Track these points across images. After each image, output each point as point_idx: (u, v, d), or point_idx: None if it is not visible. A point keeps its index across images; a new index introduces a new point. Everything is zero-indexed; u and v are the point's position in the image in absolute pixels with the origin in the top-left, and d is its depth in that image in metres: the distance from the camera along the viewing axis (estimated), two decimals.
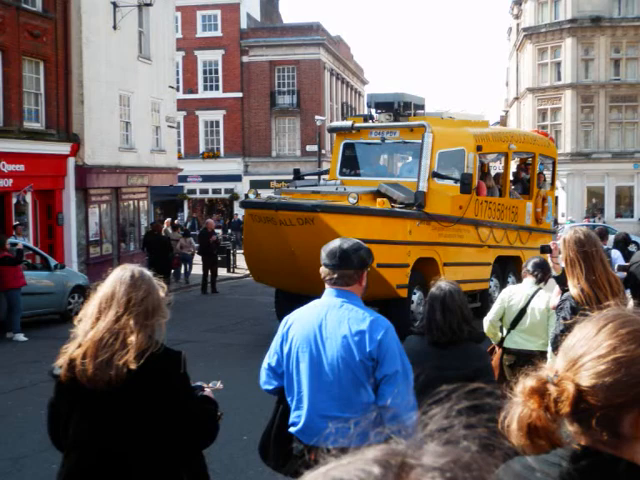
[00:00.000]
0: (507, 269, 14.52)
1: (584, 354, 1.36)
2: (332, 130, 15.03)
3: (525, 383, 1.38)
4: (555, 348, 4.18)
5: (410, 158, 13.78)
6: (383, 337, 3.42)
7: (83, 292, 14.22)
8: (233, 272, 24.72)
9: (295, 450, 3.52)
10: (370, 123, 13.83)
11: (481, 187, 13.38)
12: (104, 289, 2.86)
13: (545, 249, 5.23)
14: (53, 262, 15.01)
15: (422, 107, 14.48)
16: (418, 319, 10.92)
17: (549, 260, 5.23)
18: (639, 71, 39.93)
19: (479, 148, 12.91)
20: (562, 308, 4.32)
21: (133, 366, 2.70)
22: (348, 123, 13.92)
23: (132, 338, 2.74)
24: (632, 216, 40.22)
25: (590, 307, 3.71)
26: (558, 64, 41.06)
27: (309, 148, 38.16)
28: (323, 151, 35.19)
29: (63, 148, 19.08)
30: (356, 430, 0.99)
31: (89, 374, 2.73)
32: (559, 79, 40.83)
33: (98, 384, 2.73)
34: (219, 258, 21.75)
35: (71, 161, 19.48)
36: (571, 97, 39.90)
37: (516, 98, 50.34)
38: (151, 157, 24.32)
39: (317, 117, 33.17)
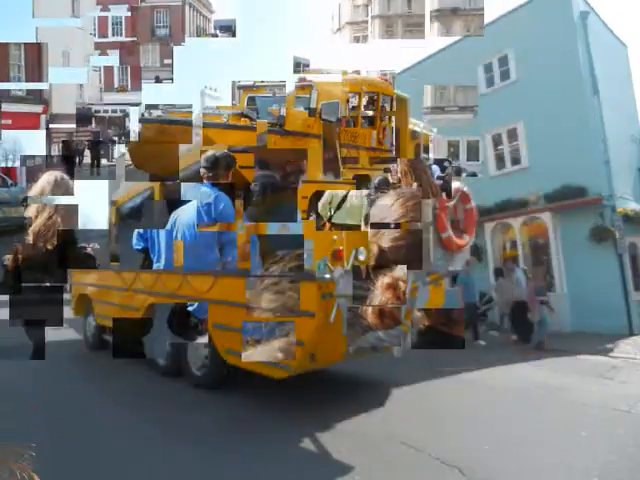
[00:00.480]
0: (361, 186, 17.96)
1: (383, 220, 1.83)
2: (240, 87, 16.43)
3: (383, 280, 1.66)
4: (366, 223, 4.87)
5: (301, 108, 18.95)
6: (224, 208, 4.17)
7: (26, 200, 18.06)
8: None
9: (191, 322, 4.33)
10: (267, 82, 17.20)
11: (341, 121, 18.15)
12: (35, 189, 3.70)
13: (386, 170, 6.36)
14: (9, 181, 19.11)
15: (308, 65, 18.85)
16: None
17: (389, 177, 6.17)
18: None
19: (347, 100, 16.07)
20: (370, 192, 5.36)
21: (50, 246, 3.58)
22: (250, 82, 15.61)
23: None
24: (478, 160, 48.01)
25: (387, 189, 4.52)
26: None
27: (166, 61, 44.75)
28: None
29: (37, 109, 24.83)
30: (266, 328, 2.07)
31: (26, 256, 3.57)
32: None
33: (32, 261, 3.54)
34: (102, 152, 27.96)
35: (42, 117, 25.26)
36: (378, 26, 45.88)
37: (338, 29, 56.01)
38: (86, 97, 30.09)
39: (177, 44, 39.04)
